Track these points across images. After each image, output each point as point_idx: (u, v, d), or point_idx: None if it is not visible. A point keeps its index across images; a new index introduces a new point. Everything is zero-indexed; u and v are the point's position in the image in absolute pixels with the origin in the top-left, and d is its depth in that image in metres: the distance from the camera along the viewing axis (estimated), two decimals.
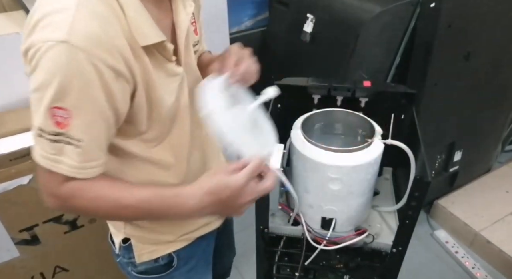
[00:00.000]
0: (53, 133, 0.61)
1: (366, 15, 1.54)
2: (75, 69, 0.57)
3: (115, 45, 0.60)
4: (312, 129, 0.99)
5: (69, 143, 0.62)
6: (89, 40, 0.57)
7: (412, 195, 0.81)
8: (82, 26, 0.57)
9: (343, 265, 1.00)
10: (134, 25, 0.63)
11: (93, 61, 0.57)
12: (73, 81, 0.57)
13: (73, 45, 0.56)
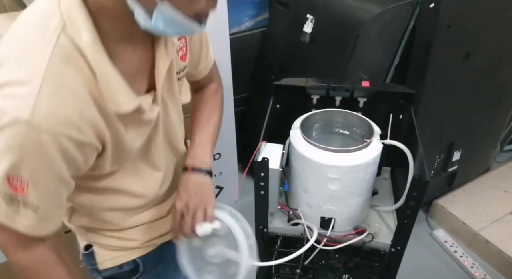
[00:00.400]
0: (9, 195, 0.60)
1: (366, 16, 1.54)
2: (36, 149, 0.56)
3: (83, 118, 0.59)
4: (311, 129, 0.99)
5: (26, 206, 0.62)
6: (54, 120, 0.55)
7: (411, 194, 0.82)
8: (46, 105, 0.54)
9: (342, 265, 1.01)
10: (107, 94, 0.61)
11: (57, 139, 0.56)
12: (33, 159, 0.57)
13: (36, 126, 0.54)
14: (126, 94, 0.63)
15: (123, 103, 0.63)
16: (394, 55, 1.61)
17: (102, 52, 0.58)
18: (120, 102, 0.63)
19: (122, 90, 0.62)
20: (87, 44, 0.57)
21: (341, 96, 1.03)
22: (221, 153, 1.92)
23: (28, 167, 0.57)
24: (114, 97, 0.62)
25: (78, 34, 0.56)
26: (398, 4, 1.52)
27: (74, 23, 0.56)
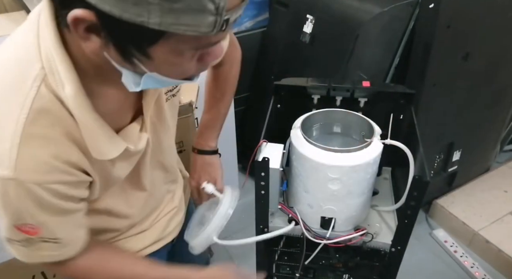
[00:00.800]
0: (24, 239, 0.61)
1: (365, 16, 1.54)
2: (30, 198, 0.56)
3: (68, 163, 0.58)
4: (311, 129, 0.99)
5: (46, 241, 0.62)
6: (39, 172, 0.55)
7: (411, 194, 0.82)
8: (29, 159, 0.54)
9: (343, 265, 1.01)
10: (91, 143, 0.59)
11: (46, 186, 0.56)
12: (31, 208, 0.57)
13: (22, 181, 0.54)
14: (111, 142, 0.62)
15: (108, 151, 0.62)
16: (394, 55, 1.61)
17: (85, 104, 0.56)
18: (105, 151, 0.61)
19: (106, 140, 0.61)
20: (69, 97, 0.54)
21: (341, 96, 1.03)
22: (221, 153, 1.91)
23: (30, 215, 0.58)
24: (98, 148, 0.60)
25: (60, 86, 0.54)
26: (397, 5, 1.52)
27: (56, 74, 0.53)
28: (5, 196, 0.55)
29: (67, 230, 0.65)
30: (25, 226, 0.59)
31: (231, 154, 1.98)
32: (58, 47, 0.52)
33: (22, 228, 0.59)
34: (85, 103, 0.56)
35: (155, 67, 0.51)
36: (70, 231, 0.66)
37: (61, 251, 0.65)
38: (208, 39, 0.49)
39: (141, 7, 0.42)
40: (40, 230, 0.60)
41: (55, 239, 0.63)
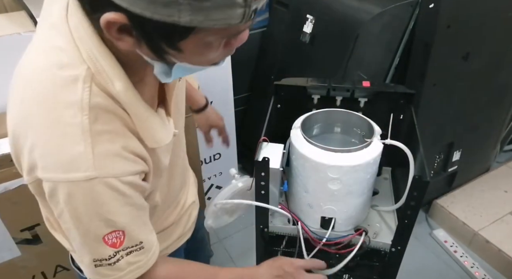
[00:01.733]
0: (111, 256, 0.61)
1: (365, 16, 1.54)
2: (111, 195, 0.57)
3: (135, 153, 0.60)
4: (311, 129, 1.00)
5: (130, 253, 0.63)
6: (115, 165, 0.56)
7: (411, 194, 0.82)
8: (104, 155, 0.55)
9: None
10: (145, 134, 0.62)
11: (124, 179, 0.57)
12: (113, 206, 0.58)
13: (104, 177, 0.55)
14: (162, 129, 0.65)
15: (161, 139, 0.65)
16: (394, 55, 1.61)
17: (136, 97, 0.59)
18: (159, 139, 0.64)
19: (159, 128, 0.64)
20: (120, 92, 0.56)
21: (341, 96, 1.03)
22: (221, 153, 1.92)
23: (116, 215, 0.58)
24: (153, 137, 0.63)
25: (110, 83, 0.55)
26: (397, 5, 1.52)
27: (103, 72, 0.55)
28: (92, 199, 0.55)
29: (146, 231, 0.66)
30: (111, 235, 0.59)
31: (231, 154, 1.98)
32: (99, 46, 0.54)
33: (109, 240, 0.59)
34: (136, 96, 0.58)
35: (185, 58, 0.53)
36: (147, 233, 0.67)
37: (145, 259, 0.66)
38: (237, 28, 0.51)
39: (172, 8, 0.44)
40: (124, 237, 0.61)
41: (138, 245, 0.63)
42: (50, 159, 0.54)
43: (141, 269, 0.66)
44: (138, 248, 0.64)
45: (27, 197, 1.18)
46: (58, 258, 1.40)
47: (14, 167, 1.15)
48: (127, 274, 0.64)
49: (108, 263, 0.61)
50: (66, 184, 0.54)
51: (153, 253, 0.68)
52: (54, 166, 0.54)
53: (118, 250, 0.61)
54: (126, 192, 0.59)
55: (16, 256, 1.32)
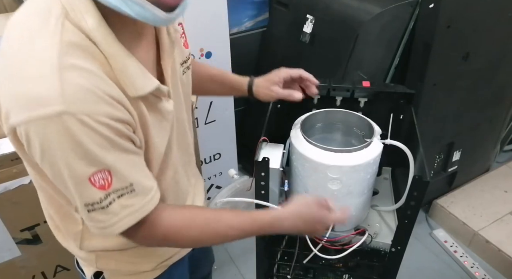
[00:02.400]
0: (102, 199, 0.59)
1: (365, 16, 1.54)
2: (86, 134, 0.54)
3: (112, 97, 0.57)
4: (311, 129, 1.00)
5: (121, 195, 0.61)
6: (86, 101, 0.54)
7: (411, 194, 0.82)
8: (73, 88, 0.53)
9: (343, 265, 1.01)
10: (123, 78, 0.59)
11: (98, 119, 0.55)
12: (91, 145, 0.55)
13: (74, 112, 0.52)
14: (143, 75, 0.62)
15: (142, 85, 0.61)
16: (394, 55, 1.61)
17: (110, 35, 0.57)
18: (138, 84, 0.61)
19: (138, 72, 0.61)
20: (93, 28, 0.55)
21: (341, 96, 1.03)
22: (221, 153, 1.92)
23: (95, 153, 0.55)
24: (131, 80, 0.60)
25: (82, 20, 0.55)
26: (397, 5, 1.52)
27: (77, 10, 0.55)
28: (67, 137, 0.53)
29: (136, 174, 0.63)
30: (97, 176, 0.57)
31: (231, 154, 1.98)
32: None
33: (96, 181, 0.57)
34: (110, 35, 0.57)
35: None
36: (140, 176, 0.63)
37: (140, 203, 0.63)
38: None
39: None
40: (112, 178, 0.58)
41: (129, 187, 0.61)
42: (20, 98, 0.53)
43: (137, 214, 0.63)
44: (129, 190, 0.61)
45: (27, 197, 1.20)
46: (58, 258, 1.40)
47: (14, 167, 1.16)
48: (122, 219, 0.62)
49: (101, 206, 0.59)
50: (38, 123, 0.52)
51: (151, 198, 0.65)
52: (24, 105, 0.52)
53: (108, 192, 0.59)
54: (103, 132, 0.55)
55: (16, 256, 1.32)
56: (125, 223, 0.63)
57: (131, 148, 0.62)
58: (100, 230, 0.63)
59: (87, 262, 0.84)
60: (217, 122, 1.79)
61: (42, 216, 0.80)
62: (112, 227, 0.62)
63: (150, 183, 0.66)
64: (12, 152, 1.15)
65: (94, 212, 0.60)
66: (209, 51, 1.62)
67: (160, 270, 0.88)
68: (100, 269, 0.84)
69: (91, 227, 0.63)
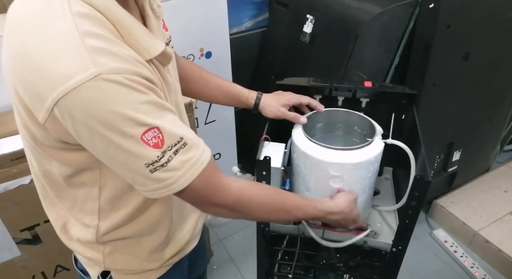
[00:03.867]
0: (160, 157, 0.59)
1: (365, 16, 1.54)
2: (125, 92, 0.55)
3: (134, 57, 0.58)
4: (313, 128, 1.00)
5: (177, 151, 0.61)
6: (115, 61, 0.54)
7: (412, 194, 0.82)
8: (99, 51, 0.53)
9: (343, 264, 1.01)
10: (134, 43, 0.60)
11: (131, 77, 0.55)
12: (133, 104, 0.56)
13: (107, 73, 0.53)
14: (150, 38, 0.63)
15: (152, 46, 0.63)
16: (394, 55, 1.61)
17: (113, 2, 0.58)
18: (149, 46, 0.62)
19: (146, 35, 0.62)
20: None
21: (343, 96, 1.03)
22: (221, 153, 1.92)
23: (140, 111, 0.56)
24: (142, 44, 0.61)
25: None
26: (397, 4, 1.52)
27: None
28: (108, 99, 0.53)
29: (182, 127, 0.63)
30: (148, 135, 0.57)
31: (231, 154, 1.98)
32: None
33: (149, 141, 0.58)
34: (113, 2, 0.58)
35: None
36: (186, 130, 0.64)
37: (195, 154, 0.63)
38: None
39: None
40: (163, 135, 0.59)
41: (180, 141, 0.61)
42: (50, 75, 0.53)
43: (198, 165, 0.64)
44: (182, 145, 0.62)
45: (27, 197, 1.20)
46: (58, 258, 1.39)
47: (15, 167, 1.16)
48: (185, 173, 0.63)
49: (160, 164, 0.60)
50: (76, 93, 0.52)
51: (203, 149, 0.66)
52: (58, 79, 0.52)
53: (164, 150, 0.59)
54: (138, 88, 0.56)
55: (16, 256, 1.32)
56: (189, 176, 0.63)
57: (167, 106, 0.62)
58: (167, 188, 0.63)
59: (93, 262, 0.84)
60: (217, 122, 1.79)
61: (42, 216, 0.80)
62: (177, 183, 0.62)
63: (196, 136, 0.66)
64: (12, 152, 1.15)
65: (156, 172, 0.60)
66: (209, 51, 1.62)
67: (165, 268, 0.89)
68: (107, 269, 0.84)
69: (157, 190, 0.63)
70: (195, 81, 1.00)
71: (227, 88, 1.03)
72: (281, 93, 1.02)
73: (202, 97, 1.05)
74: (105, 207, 0.74)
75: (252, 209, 0.74)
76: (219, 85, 1.03)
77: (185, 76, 0.96)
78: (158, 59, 0.66)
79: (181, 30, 1.49)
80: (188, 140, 0.63)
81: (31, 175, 0.77)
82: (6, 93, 0.62)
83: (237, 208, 0.72)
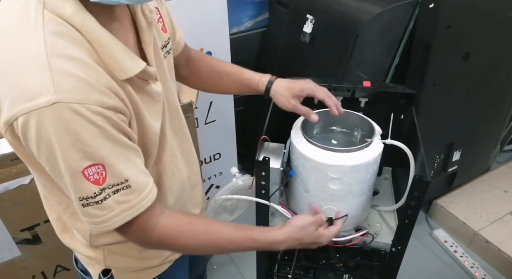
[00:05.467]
0: (96, 194, 0.59)
1: (365, 16, 1.54)
2: (80, 123, 0.54)
3: (103, 84, 0.57)
4: (312, 128, 1.00)
5: (117, 191, 0.60)
6: (78, 90, 0.53)
7: (412, 194, 0.82)
8: (64, 78, 0.53)
9: (343, 264, 1.01)
10: (110, 62, 0.59)
11: (92, 108, 0.54)
12: (86, 136, 0.55)
13: (67, 102, 0.52)
14: (129, 57, 0.61)
15: (129, 66, 0.61)
16: (394, 55, 1.61)
17: (90, 19, 0.57)
18: (126, 66, 0.61)
19: (124, 53, 0.61)
20: (72, 14, 0.55)
21: (342, 96, 1.03)
22: (221, 153, 1.92)
23: (90, 146, 0.55)
24: (119, 63, 0.60)
25: (60, 7, 0.55)
26: (397, 4, 1.52)
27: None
28: (61, 127, 0.53)
29: (132, 169, 0.62)
30: (91, 170, 0.57)
31: (231, 154, 1.98)
32: None
33: (90, 176, 0.57)
34: (90, 19, 0.57)
35: None
36: (135, 172, 0.63)
37: (136, 198, 0.63)
38: None
39: None
40: (107, 173, 0.58)
41: (124, 183, 0.60)
42: (13, 92, 0.53)
43: (134, 210, 0.63)
44: (124, 186, 0.61)
45: (27, 197, 1.20)
46: (58, 258, 1.40)
47: (15, 167, 1.16)
48: (119, 214, 0.62)
49: (95, 201, 0.59)
50: (32, 114, 0.52)
51: (147, 193, 0.64)
52: (17, 98, 0.53)
53: (103, 187, 0.59)
54: (97, 122, 0.55)
55: (16, 256, 1.32)
56: (120, 219, 0.62)
57: (126, 142, 0.61)
58: (96, 225, 0.63)
59: (94, 260, 0.84)
60: (217, 122, 1.79)
61: (42, 216, 0.80)
62: (106, 223, 0.62)
63: (146, 179, 0.65)
64: (12, 152, 1.15)
65: (88, 207, 0.60)
66: (209, 51, 1.62)
67: (166, 265, 0.89)
68: (109, 267, 0.84)
69: (86, 222, 0.63)
70: (207, 73, 0.99)
71: (238, 76, 0.98)
72: (295, 81, 0.93)
73: (215, 89, 1.03)
74: None
75: (174, 247, 0.75)
76: (229, 74, 0.99)
77: (196, 68, 0.95)
78: (139, 75, 0.64)
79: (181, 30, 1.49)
80: (133, 183, 0.62)
81: (31, 175, 0.78)
82: None
83: (160, 245, 0.72)
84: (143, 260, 0.85)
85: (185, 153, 0.87)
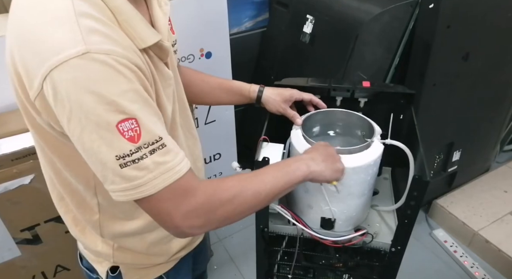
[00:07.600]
0: (132, 151, 0.56)
1: (365, 16, 1.54)
2: (110, 74, 0.54)
3: (126, 44, 0.58)
4: (312, 129, 1.00)
5: (153, 151, 0.57)
6: (105, 42, 0.54)
7: (411, 194, 0.82)
8: (91, 30, 0.54)
9: (343, 264, 1.01)
10: (129, 30, 0.60)
11: (120, 60, 0.55)
12: (117, 87, 0.54)
13: (96, 51, 0.53)
14: (146, 27, 0.63)
15: (147, 35, 0.62)
16: (394, 55, 1.61)
17: None
18: (144, 35, 0.62)
19: (142, 23, 0.62)
20: None
21: (342, 96, 1.03)
22: (221, 153, 1.92)
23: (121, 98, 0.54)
24: (137, 31, 0.61)
25: None
26: (397, 5, 1.52)
27: None
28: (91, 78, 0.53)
29: (164, 129, 0.60)
30: (125, 125, 0.55)
31: (231, 154, 1.98)
32: None
33: (124, 131, 0.55)
34: None
35: None
36: (167, 134, 0.61)
37: (174, 160, 0.59)
38: None
39: None
40: (141, 129, 0.56)
41: (159, 141, 0.58)
42: (42, 48, 0.53)
43: (172, 172, 0.59)
44: (160, 145, 0.58)
45: (27, 197, 1.20)
46: (58, 258, 1.39)
47: (15, 167, 1.16)
48: (158, 176, 0.58)
49: (132, 159, 0.56)
50: (62, 68, 0.52)
51: (183, 158, 0.61)
52: (46, 53, 0.53)
53: (139, 146, 0.56)
54: (126, 74, 0.55)
55: (16, 256, 1.32)
56: (161, 181, 0.58)
57: (152, 103, 0.61)
58: (132, 191, 0.58)
59: (102, 257, 0.85)
60: (217, 122, 1.79)
61: (42, 216, 0.79)
62: (146, 186, 0.58)
63: (177, 145, 0.63)
64: (12, 152, 1.15)
65: (126, 167, 0.56)
66: (209, 51, 1.62)
67: (172, 263, 0.90)
68: (116, 264, 0.84)
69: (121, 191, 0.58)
70: (197, 84, 1.01)
71: (228, 85, 1.04)
72: (282, 88, 1.01)
73: (206, 99, 1.05)
74: (104, 203, 0.75)
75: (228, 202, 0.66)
76: (220, 84, 1.03)
77: (186, 81, 0.96)
78: (154, 51, 0.65)
79: (181, 30, 1.48)
80: (168, 143, 0.59)
81: (31, 175, 0.77)
82: (6, 93, 0.62)
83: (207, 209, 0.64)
84: (151, 257, 0.85)
85: (189, 148, 0.88)
